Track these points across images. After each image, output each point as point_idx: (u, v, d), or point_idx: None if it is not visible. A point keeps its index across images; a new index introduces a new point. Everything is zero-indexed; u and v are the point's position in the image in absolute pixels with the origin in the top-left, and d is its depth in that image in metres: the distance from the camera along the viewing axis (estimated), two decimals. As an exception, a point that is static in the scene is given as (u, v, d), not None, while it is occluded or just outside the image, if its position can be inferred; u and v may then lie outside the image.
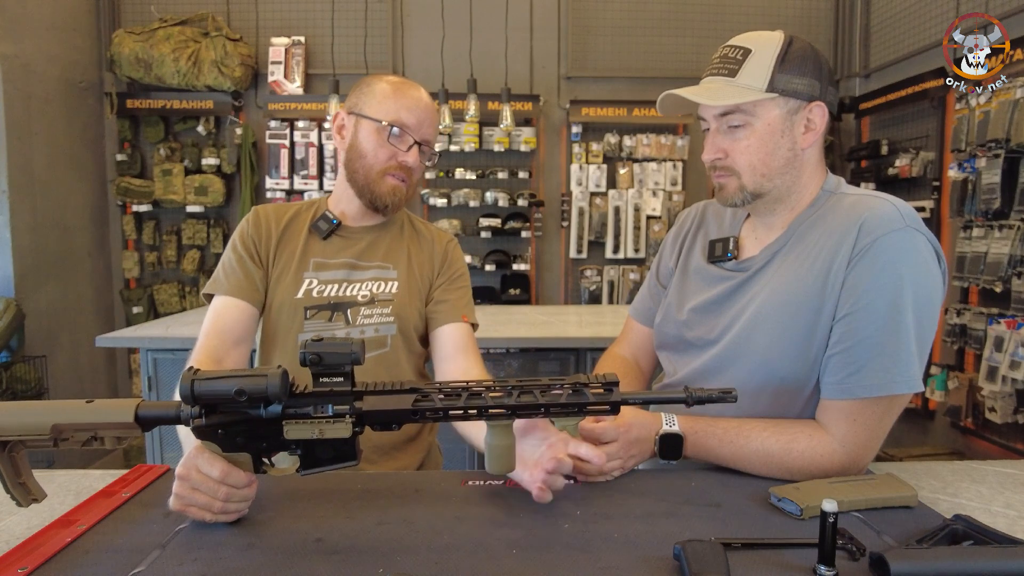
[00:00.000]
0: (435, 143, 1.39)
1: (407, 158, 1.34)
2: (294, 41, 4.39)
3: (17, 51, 3.58)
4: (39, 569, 0.80)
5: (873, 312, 1.00)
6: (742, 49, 1.07)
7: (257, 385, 0.82)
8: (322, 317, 1.36)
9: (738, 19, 4.41)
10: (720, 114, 1.08)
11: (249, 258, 1.37)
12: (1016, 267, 2.87)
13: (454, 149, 4.36)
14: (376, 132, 1.33)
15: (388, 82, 1.36)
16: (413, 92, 1.36)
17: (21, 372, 3.43)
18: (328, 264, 1.39)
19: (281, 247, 1.39)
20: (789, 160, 1.09)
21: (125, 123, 4.37)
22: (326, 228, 1.39)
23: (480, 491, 1.04)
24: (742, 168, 1.09)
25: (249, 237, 1.39)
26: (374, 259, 1.41)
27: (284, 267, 1.38)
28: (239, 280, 1.35)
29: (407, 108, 1.33)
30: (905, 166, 3.74)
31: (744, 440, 1.06)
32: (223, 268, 1.37)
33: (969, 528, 0.84)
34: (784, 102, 1.06)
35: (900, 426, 3.92)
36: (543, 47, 4.47)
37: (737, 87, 1.06)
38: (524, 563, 0.81)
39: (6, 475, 0.87)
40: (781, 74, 1.05)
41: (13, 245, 3.54)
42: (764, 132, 1.07)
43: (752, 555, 0.82)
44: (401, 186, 1.36)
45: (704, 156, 1.13)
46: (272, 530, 0.90)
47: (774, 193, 1.11)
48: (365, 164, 1.35)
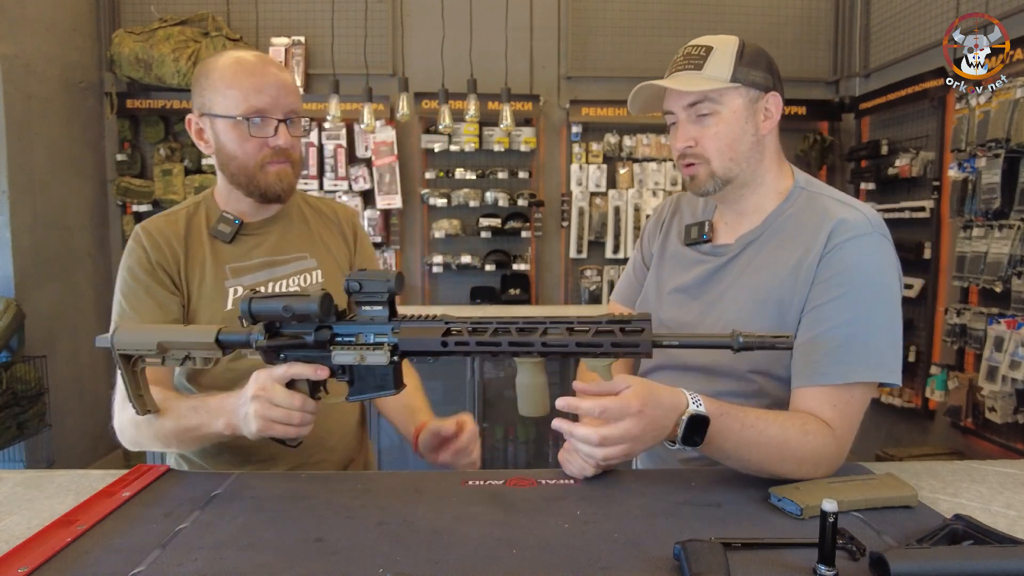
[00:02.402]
0: (299, 105, 1.27)
1: (278, 141, 1.24)
2: (294, 41, 4.39)
3: (17, 51, 3.58)
4: (39, 569, 0.80)
5: (844, 304, 1.06)
6: (704, 47, 1.16)
7: (301, 304, 0.93)
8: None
9: (738, 19, 4.41)
10: (689, 104, 1.15)
11: (159, 285, 1.25)
12: (1016, 267, 2.87)
13: (454, 149, 4.36)
14: (235, 128, 1.22)
15: (225, 67, 1.23)
16: (251, 67, 1.23)
17: (21, 372, 3.42)
18: (245, 267, 1.31)
19: (190, 264, 1.28)
20: (753, 145, 1.17)
21: (125, 123, 4.37)
22: (230, 231, 1.30)
23: (480, 491, 1.04)
24: (712, 154, 1.16)
25: (151, 263, 1.25)
26: (289, 251, 1.35)
27: (200, 283, 1.28)
28: (151, 311, 1.23)
29: (255, 90, 1.21)
30: (905, 166, 3.74)
31: (765, 424, 1.00)
32: (127, 301, 1.24)
33: (969, 528, 0.84)
34: (746, 91, 1.15)
35: (900, 426, 3.94)
36: (543, 47, 4.47)
37: (705, 78, 1.14)
38: (524, 563, 0.81)
39: (131, 386, 1.08)
40: (741, 67, 1.14)
41: (13, 245, 3.54)
42: (731, 119, 1.14)
43: (752, 555, 0.82)
44: (285, 168, 1.27)
45: (676, 145, 1.18)
46: (272, 530, 0.90)
47: (741, 178, 1.18)
48: (239, 164, 1.25)
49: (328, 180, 4.36)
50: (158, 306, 1.24)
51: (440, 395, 3.15)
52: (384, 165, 4.35)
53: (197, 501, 1.00)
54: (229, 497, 1.03)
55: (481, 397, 3.14)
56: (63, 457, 3.72)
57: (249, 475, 1.14)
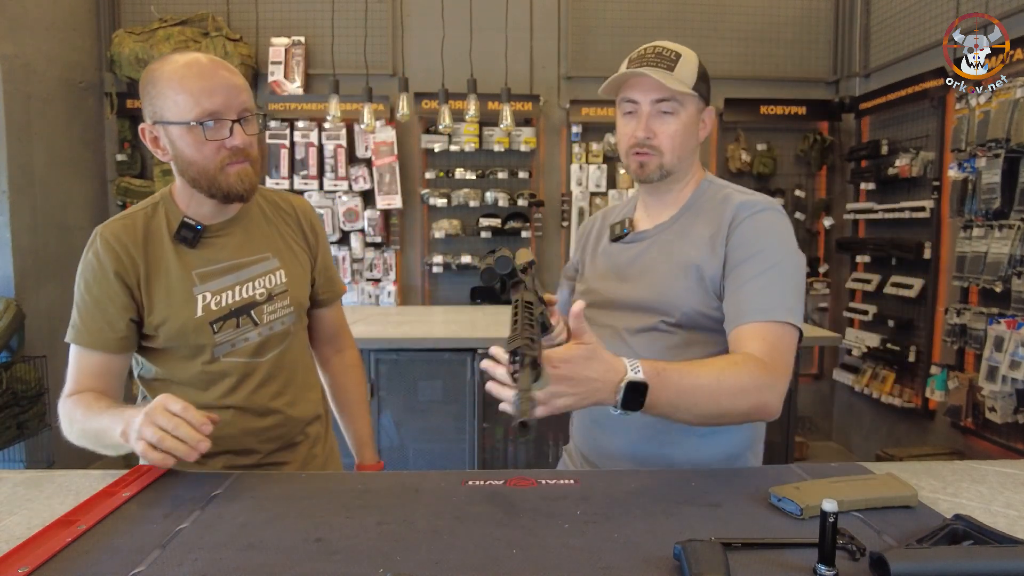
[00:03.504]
0: (251, 102, 1.25)
1: (235, 141, 1.22)
2: (294, 41, 4.39)
3: (17, 51, 3.58)
4: (39, 569, 0.80)
5: (756, 262, 1.20)
6: (674, 51, 1.29)
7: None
8: (230, 326, 1.31)
9: (738, 19, 4.41)
10: (657, 100, 1.27)
11: (110, 299, 1.25)
12: (1016, 267, 2.87)
13: (454, 149, 4.36)
14: (189, 134, 1.21)
15: (172, 73, 1.20)
16: (200, 68, 1.21)
17: (21, 372, 3.43)
18: (212, 272, 1.31)
19: (152, 271, 1.28)
20: (693, 149, 1.33)
21: (125, 123, 4.37)
22: (192, 236, 1.29)
23: (480, 491, 1.04)
24: (666, 148, 1.29)
25: (109, 275, 1.26)
26: (253, 252, 1.35)
27: (166, 290, 1.28)
28: (99, 328, 1.25)
29: (205, 93, 1.19)
30: (905, 166, 3.74)
31: (697, 368, 1.08)
32: (79, 313, 1.27)
33: (969, 528, 0.84)
34: (698, 101, 1.30)
35: (900, 426, 3.94)
36: (543, 47, 4.47)
37: (676, 80, 1.26)
38: (524, 563, 0.81)
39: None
40: (698, 80, 1.29)
41: (13, 245, 3.54)
42: (686, 121, 1.29)
43: (752, 555, 0.82)
44: (245, 167, 1.25)
45: (636, 133, 1.29)
46: (272, 530, 0.90)
47: (678, 174, 1.33)
48: (198, 168, 1.24)
49: (328, 180, 4.36)
50: (107, 324, 1.26)
51: (440, 395, 3.15)
52: (384, 165, 4.35)
53: (197, 501, 1.00)
54: (229, 497, 1.03)
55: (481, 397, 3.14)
56: (63, 457, 3.72)
57: (249, 475, 1.14)
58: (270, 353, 1.36)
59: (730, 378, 1.08)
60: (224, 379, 1.31)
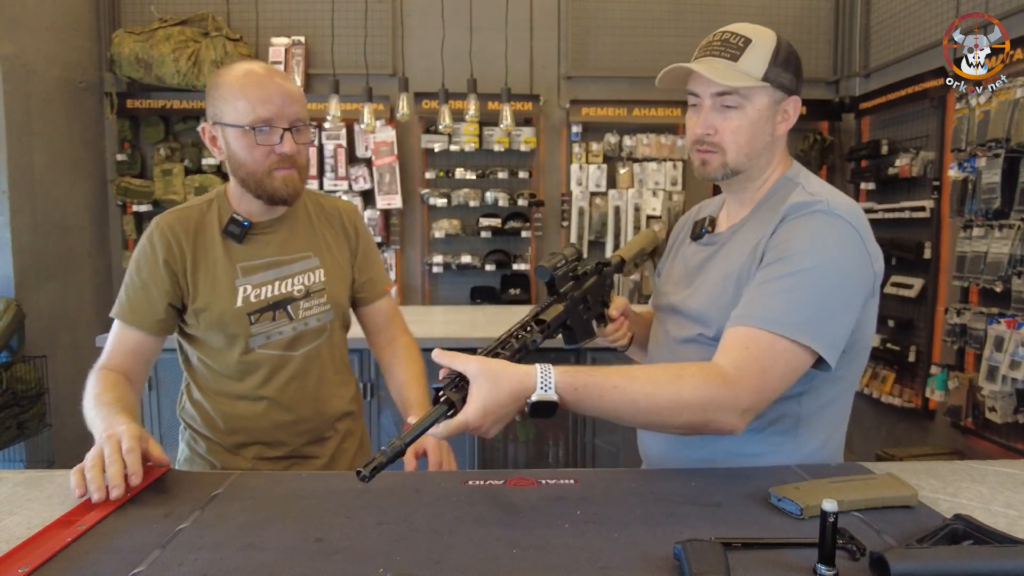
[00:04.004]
0: (304, 113, 1.35)
1: (283, 148, 1.32)
2: (294, 41, 4.39)
3: (17, 51, 3.58)
4: (39, 569, 0.80)
5: (785, 264, 1.07)
6: (743, 38, 1.17)
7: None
8: (266, 319, 1.39)
9: (738, 19, 4.33)
10: (717, 93, 1.15)
11: (155, 283, 1.35)
12: (1016, 267, 2.87)
13: (454, 149, 4.36)
14: (243, 137, 1.31)
15: (233, 79, 1.31)
16: (258, 79, 1.31)
17: (21, 372, 3.43)
18: (255, 267, 1.39)
19: (198, 260, 1.37)
20: (768, 144, 1.19)
21: (125, 123, 4.37)
22: (240, 232, 1.38)
23: (480, 491, 1.04)
24: (729, 146, 1.17)
25: (159, 261, 1.35)
26: (295, 251, 1.43)
27: (212, 280, 1.37)
28: (142, 308, 1.35)
29: (261, 101, 1.29)
30: (905, 166, 3.74)
31: (628, 382, 0.99)
32: (126, 291, 1.37)
33: (969, 528, 0.84)
34: (772, 92, 1.16)
35: (900, 426, 3.94)
36: (543, 47, 4.47)
37: (738, 71, 1.14)
38: (524, 563, 0.81)
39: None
40: (774, 67, 1.15)
41: (13, 245, 3.54)
42: (753, 116, 1.16)
43: (752, 555, 0.82)
44: (292, 173, 1.34)
45: (695, 130, 1.19)
46: (272, 530, 0.90)
47: (749, 172, 1.20)
48: (247, 170, 1.33)
49: (328, 180, 4.36)
50: (149, 305, 1.36)
51: (440, 395, 3.15)
52: (384, 165, 4.35)
53: (197, 501, 1.00)
54: (229, 497, 1.03)
55: (481, 397, 3.14)
56: (63, 457, 3.72)
57: (249, 475, 1.14)
58: (303, 348, 1.42)
59: (668, 393, 0.99)
60: (258, 370, 1.40)
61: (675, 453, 1.23)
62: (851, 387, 1.21)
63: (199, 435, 1.45)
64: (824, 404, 1.17)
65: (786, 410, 1.15)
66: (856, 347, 1.15)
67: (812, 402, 1.16)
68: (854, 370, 1.18)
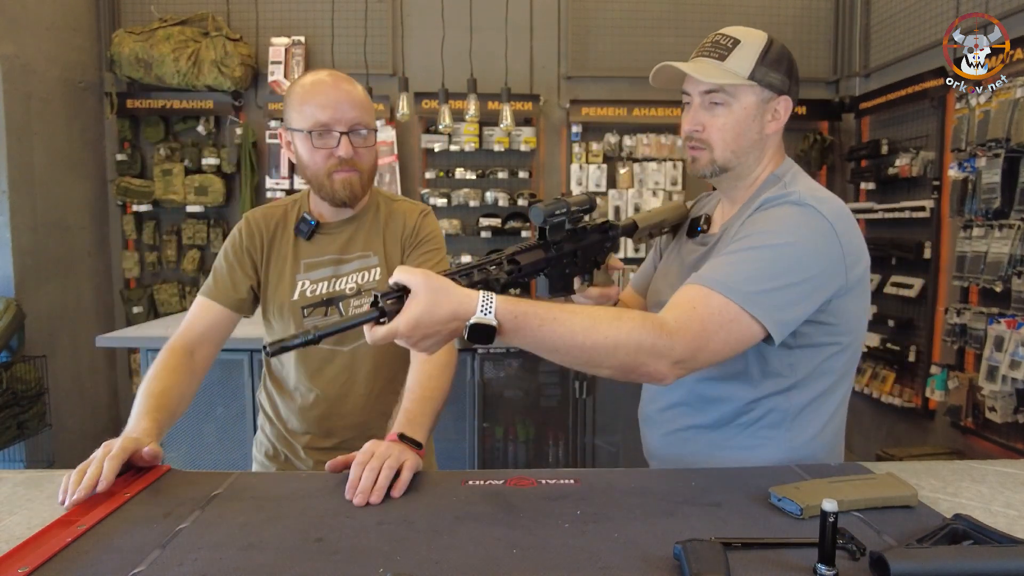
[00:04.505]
0: (366, 118, 1.40)
1: (340, 151, 1.37)
2: (294, 41, 4.39)
3: (17, 51, 3.58)
4: (39, 569, 0.80)
5: (750, 240, 1.09)
6: (732, 39, 1.20)
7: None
8: (318, 313, 1.44)
9: (738, 19, 4.39)
10: (705, 91, 1.19)
11: (239, 266, 1.47)
12: (1016, 267, 2.87)
13: (454, 149, 4.36)
14: (305, 140, 1.38)
15: (300, 87, 1.40)
16: (322, 86, 1.38)
17: (21, 372, 3.43)
18: (316, 263, 1.47)
19: (272, 253, 1.48)
20: (755, 142, 1.21)
21: (125, 123, 4.37)
22: (307, 230, 1.47)
23: (480, 491, 1.04)
24: (716, 142, 1.20)
25: (242, 247, 1.47)
26: (356, 250, 1.49)
27: (279, 272, 1.47)
28: (226, 287, 1.46)
29: (320, 106, 1.36)
30: (905, 166, 3.74)
31: (569, 315, 0.98)
32: (214, 272, 1.48)
33: (969, 528, 0.84)
34: (760, 91, 1.18)
35: (900, 426, 3.94)
36: (543, 47, 4.47)
37: (724, 70, 1.17)
38: (524, 563, 0.81)
39: None
40: (762, 67, 1.17)
41: (13, 245, 3.54)
42: (740, 114, 1.18)
43: (752, 555, 0.82)
44: (352, 176, 1.39)
45: (684, 127, 1.23)
46: (272, 530, 0.90)
47: (739, 170, 1.23)
48: (310, 172, 1.40)
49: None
50: (232, 285, 1.46)
51: (440, 395, 3.15)
52: (384, 165, 4.35)
53: (197, 501, 1.00)
54: (229, 497, 1.03)
55: (481, 397, 3.15)
56: (63, 457, 3.72)
57: (249, 475, 1.14)
58: (351, 344, 1.47)
59: (606, 330, 0.97)
60: (309, 362, 1.48)
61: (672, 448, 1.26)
62: (844, 381, 1.21)
63: (268, 419, 1.57)
64: (814, 398, 1.18)
65: (774, 404, 1.18)
66: (845, 341, 1.17)
67: (801, 396, 1.18)
68: (845, 364, 1.19)
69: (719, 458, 1.19)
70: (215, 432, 2.98)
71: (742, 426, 1.20)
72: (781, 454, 1.18)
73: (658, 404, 1.29)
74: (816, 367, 1.17)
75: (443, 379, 1.34)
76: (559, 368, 3.09)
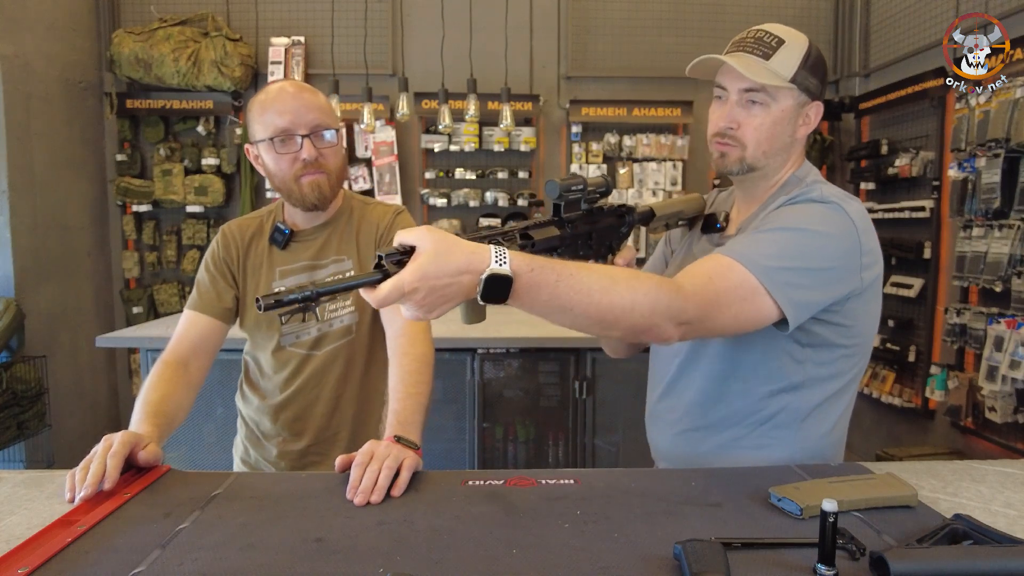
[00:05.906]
0: (327, 120, 1.40)
1: (303, 154, 1.37)
2: (294, 41, 4.39)
3: (17, 51, 3.58)
4: (39, 569, 0.80)
5: (773, 222, 1.11)
6: (776, 37, 1.17)
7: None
8: (296, 319, 1.37)
9: (738, 19, 4.41)
10: (745, 88, 1.16)
11: (221, 277, 1.49)
12: (1016, 267, 2.87)
13: (454, 149, 4.36)
14: (269, 149, 1.39)
15: (258, 99, 1.41)
16: (279, 94, 1.39)
17: (21, 372, 3.43)
18: (291, 270, 1.48)
19: (248, 264, 1.50)
20: (786, 145, 1.20)
21: (125, 123, 4.37)
22: (282, 239, 1.48)
23: (480, 491, 1.04)
24: (749, 141, 1.17)
25: (220, 259, 1.49)
26: (330, 255, 1.49)
27: (256, 282, 1.49)
28: (211, 297, 1.48)
29: (278, 113, 1.37)
30: (905, 166, 3.74)
31: (586, 272, 0.94)
32: (198, 285, 1.50)
33: (969, 528, 0.84)
34: (798, 95, 1.17)
35: (900, 426, 3.94)
36: (543, 47, 4.47)
37: (768, 70, 1.14)
38: (524, 563, 0.81)
39: None
40: (803, 70, 1.15)
41: (13, 245, 3.54)
42: (777, 116, 1.16)
43: (752, 555, 0.82)
44: (319, 178, 1.40)
45: (718, 123, 1.19)
46: (272, 530, 0.90)
47: (765, 170, 1.21)
48: (278, 180, 1.41)
49: (328, 180, 4.36)
50: (217, 296, 1.47)
51: (440, 394, 3.15)
52: (384, 165, 4.35)
53: (197, 501, 1.00)
54: (229, 497, 1.03)
55: (481, 397, 3.14)
56: (63, 457, 3.72)
57: (249, 475, 1.14)
58: (327, 347, 1.48)
59: (623, 289, 0.94)
60: (287, 366, 1.49)
61: (682, 448, 1.25)
62: (852, 385, 1.22)
63: (243, 421, 1.58)
64: (824, 399, 1.19)
65: (785, 405, 1.18)
66: (856, 344, 1.17)
67: (811, 398, 1.18)
68: (855, 367, 1.20)
69: (729, 458, 1.19)
70: (215, 432, 2.98)
71: (752, 426, 1.20)
72: (789, 455, 1.18)
73: (669, 403, 1.28)
74: (827, 369, 1.17)
75: (425, 374, 1.33)
76: (559, 368, 3.09)
